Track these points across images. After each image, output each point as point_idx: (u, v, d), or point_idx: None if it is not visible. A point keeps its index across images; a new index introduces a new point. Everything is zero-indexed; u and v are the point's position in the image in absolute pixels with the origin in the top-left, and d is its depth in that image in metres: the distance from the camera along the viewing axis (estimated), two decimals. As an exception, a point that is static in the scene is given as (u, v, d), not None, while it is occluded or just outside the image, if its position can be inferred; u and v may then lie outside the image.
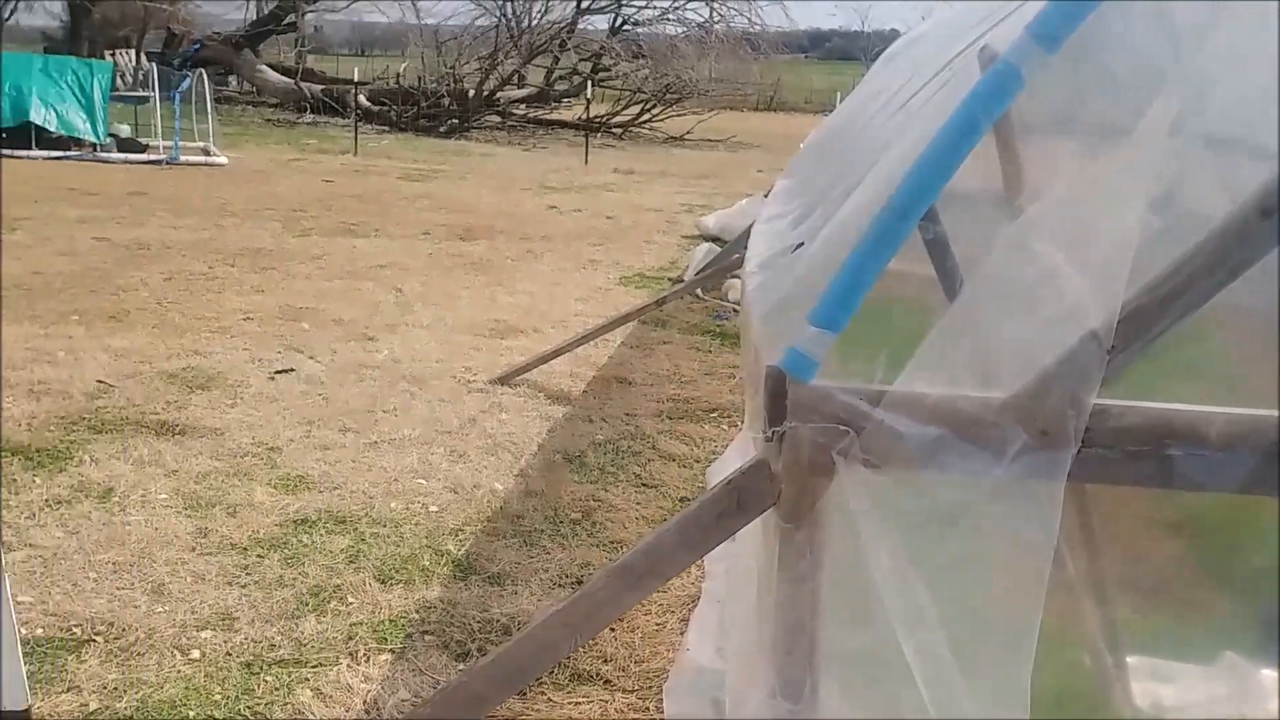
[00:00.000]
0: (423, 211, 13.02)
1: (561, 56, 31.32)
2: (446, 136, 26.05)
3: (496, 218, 12.81)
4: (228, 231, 10.73)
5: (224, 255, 9.42)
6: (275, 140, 22.16)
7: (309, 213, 12.33)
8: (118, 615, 3.33)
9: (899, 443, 1.68)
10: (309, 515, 4.16)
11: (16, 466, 4.44)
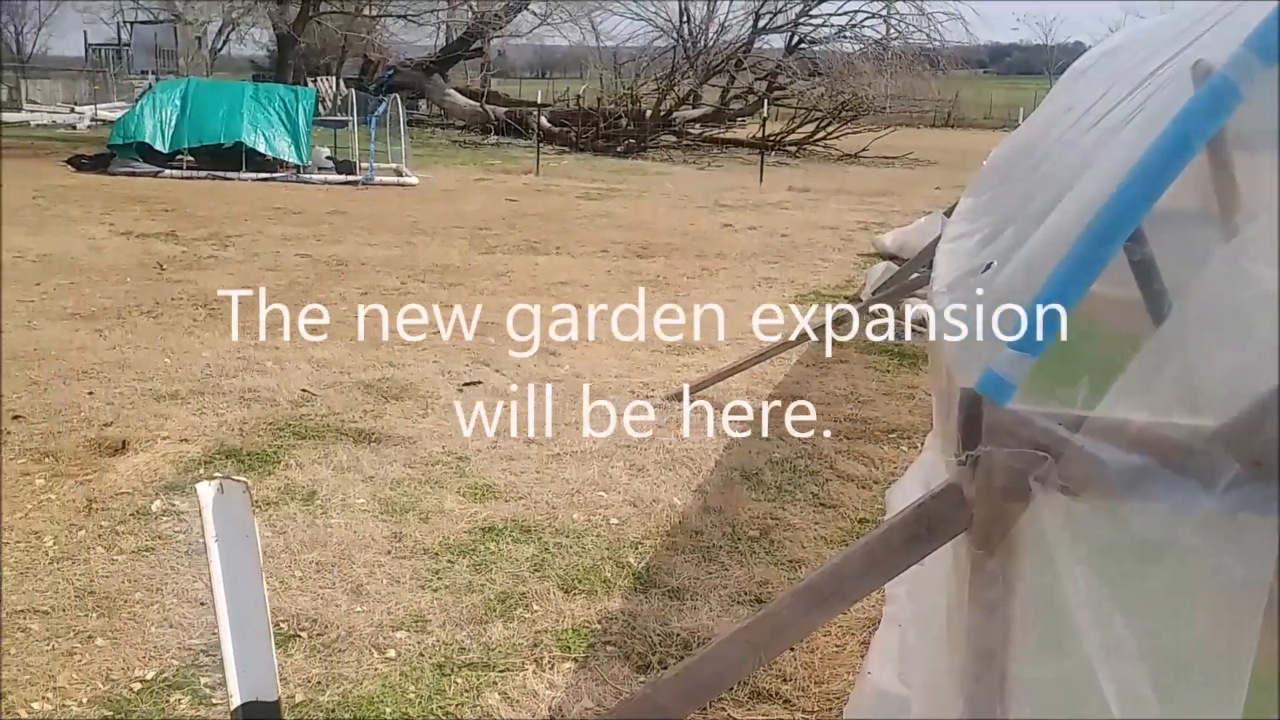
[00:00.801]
0: (601, 229, 13.28)
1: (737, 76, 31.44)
2: (624, 156, 26.49)
3: (672, 235, 12.95)
4: (418, 249, 11.19)
5: (415, 271, 9.82)
6: (462, 161, 22.97)
7: (494, 230, 12.74)
8: (321, 613, 3.52)
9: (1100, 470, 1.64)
10: (496, 523, 4.30)
11: (230, 468, 4.74)
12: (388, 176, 17.77)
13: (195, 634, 3.39)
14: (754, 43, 31.51)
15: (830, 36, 31.90)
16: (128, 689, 3.09)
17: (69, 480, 4.56)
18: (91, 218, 12.27)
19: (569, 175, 21.00)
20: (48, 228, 11.38)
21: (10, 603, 3.54)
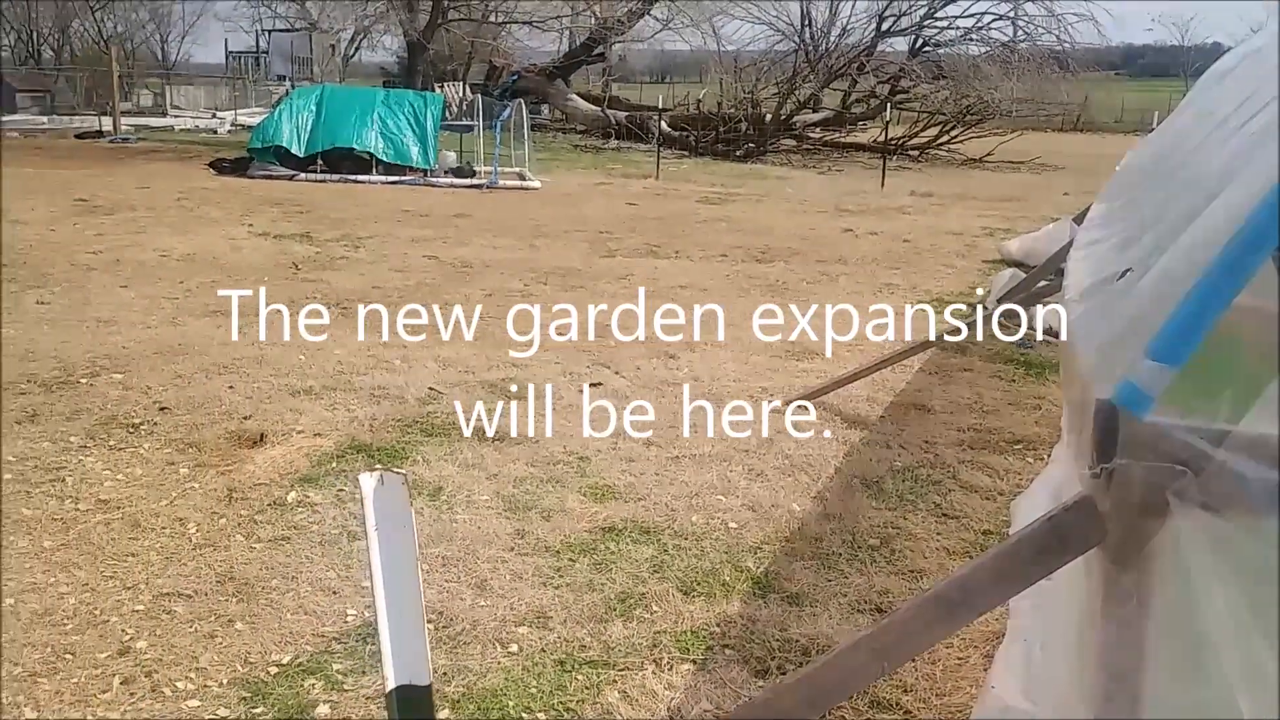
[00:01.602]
0: (720, 234, 13.28)
1: (859, 79, 31.10)
2: (743, 160, 26.45)
3: (792, 240, 12.89)
4: (540, 251, 11.36)
5: (538, 274, 9.98)
6: (583, 165, 23.23)
7: (614, 234, 12.86)
8: (446, 606, 3.62)
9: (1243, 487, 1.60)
10: (616, 524, 4.35)
11: (360, 464, 4.90)
12: (511, 180, 18.07)
13: (328, 622, 3.51)
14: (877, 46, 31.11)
15: (956, 39, 31.30)
16: (265, 672, 3.23)
17: (211, 470, 4.77)
18: (232, 219, 12.79)
19: (688, 179, 21.06)
20: (191, 228, 11.90)
21: (156, 585, 3.73)
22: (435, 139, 18.11)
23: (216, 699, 3.09)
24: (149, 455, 4.94)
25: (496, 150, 18.15)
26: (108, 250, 10.18)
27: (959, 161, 27.63)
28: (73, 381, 5.96)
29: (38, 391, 5.77)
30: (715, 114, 28.94)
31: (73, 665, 3.22)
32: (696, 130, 28.23)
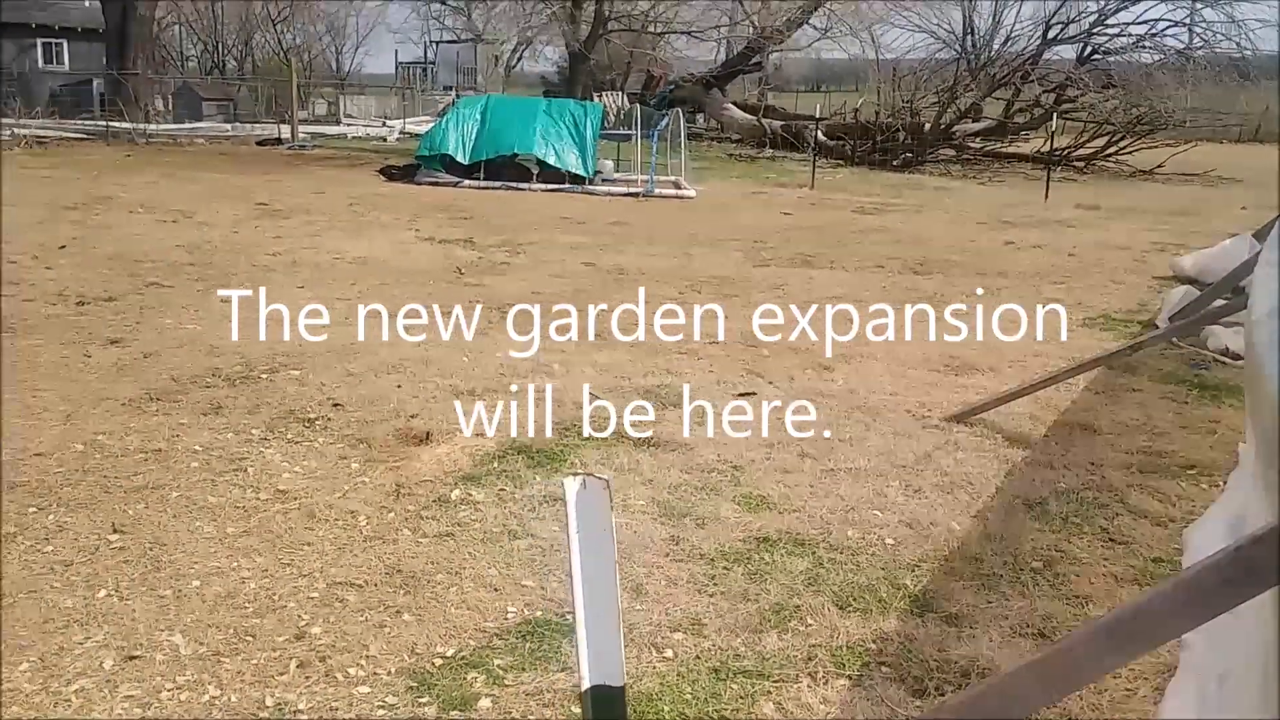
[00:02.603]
0: (877, 245, 13.11)
1: (1023, 88, 30.20)
2: (900, 170, 26.02)
3: (951, 252, 12.62)
4: (695, 260, 11.42)
5: (692, 282, 10.04)
6: (738, 174, 23.24)
7: (769, 243, 12.83)
8: (603, 607, 3.68)
9: None
10: (770, 534, 4.35)
11: (520, 464, 5.03)
12: (666, 189, 18.22)
13: (490, 618, 3.62)
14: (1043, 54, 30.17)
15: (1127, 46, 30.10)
16: (430, 663, 3.35)
17: (380, 466, 4.97)
18: (400, 224, 13.27)
19: (844, 189, 20.84)
20: (363, 232, 12.40)
21: (330, 574, 3.91)
22: (595, 147, 18.41)
23: (385, 687, 3.22)
24: (323, 449, 5.17)
25: (653, 159, 18.33)
26: (285, 252, 10.71)
27: (1127, 173, 26.54)
28: (254, 377, 6.29)
29: (222, 385, 6.11)
30: (872, 123, 28.55)
31: (253, 647, 3.41)
32: (853, 139, 27.88)
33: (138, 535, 4.16)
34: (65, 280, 8.86)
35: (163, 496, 4.54)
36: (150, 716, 3.03)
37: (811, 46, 38.15)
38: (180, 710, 3.06)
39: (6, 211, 12.76)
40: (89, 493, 4.55)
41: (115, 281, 8.91)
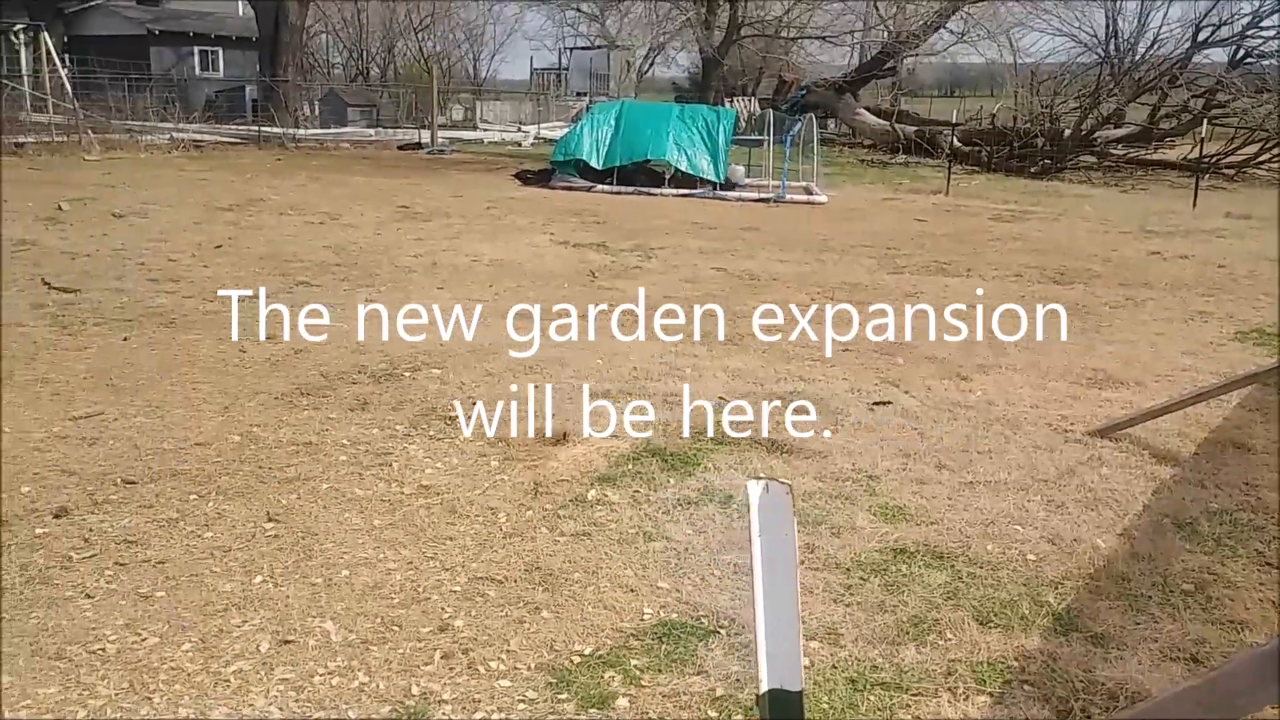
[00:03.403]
0: (1014, 253, 12.80)
1: (1170, 93, 29.05)
2: (1038, 177, 25.34)
3: (1092, 261, 12.25)
4: (827, 266, 11.33)
5: (824, 288, 9.96)
6: (870, 180, 22.96)
7: (902, 250, 12.64)
8: (739, 613, 3.69)
9: None
10: (907, 546, 4.30)
11: (654, 467, 5.08)
12: (798, 194, 18.10)
13: (626, 618, 3.66)
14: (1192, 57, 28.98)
15: (1283, 50, 28.70)
16: (568, 660, 3.41)
17: (518, 465, 5.07)
18: (535, 227, 13.51)
19: (979, 196, 20.40)
20: (499, 235, 12.66)
21: (471, 569, 4.01)
22: (727, 153, 18.42)
23: (525, 681, 3.29)
24: (464, 446, 5.30)
25: (785, 164, 18.25)
26: (426, 254, 11.00)
27: (1282, 181, 25.34)
28: (398, 374, 6.49)
29: (367, 382, 6.32)
30: (1009, 128, 27.85)
31: (399, 636, 3.52)
32: (989, 145, 27.25)
33: (290, 524, 4.34)
34: (221, 278, 9.28)
35: (314, 488, 4.72)
36: (304, 699, 3.16)
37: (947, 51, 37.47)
38: (332, 694, 3.18)
39: (166, 212, 13.44)
40: (245, 482, 4.76)
41: (267, 280, 9.29)
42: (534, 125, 34.22)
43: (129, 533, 4.20)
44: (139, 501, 4.50)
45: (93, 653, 3.35)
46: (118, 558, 3.99)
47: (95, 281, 8.96)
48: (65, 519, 4.30)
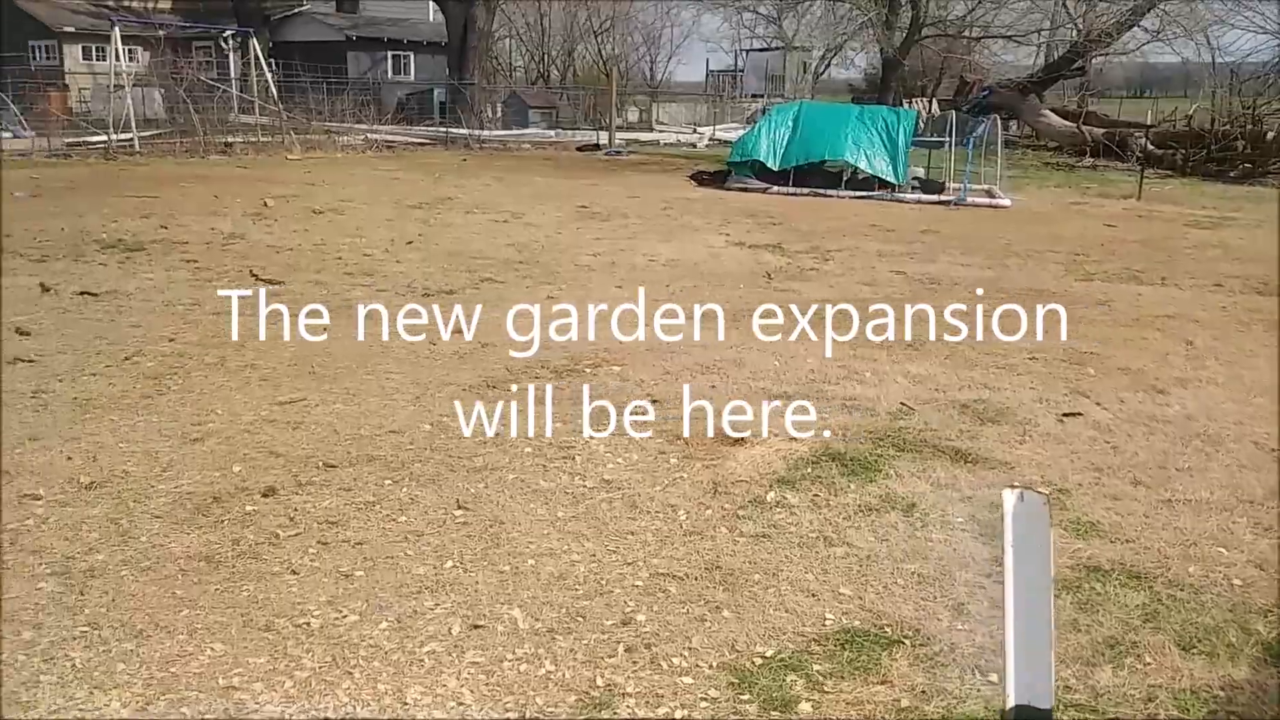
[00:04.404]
0: (1213, 261, 12.13)
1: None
2: (1238, 182, 23.91)
3: (1306, 273, 11.49)
4: (1011, 271, 10.99)
5: (1008, 294, 9.64)
6: (1055, 183, 22.12)
7: (1091, 256, 12.15)
8: (923, 624, 3.63)
9: None
10: (1100, 563, 4.14)
11: (834, 471, 5.03)
12: (979, 197, 17.61)
13: (808, 622, 3.64)
14: None
15: None
16: (750, 661, 3.41)
17: (697, 463, 5.10)
18: (710, 228, 13.55)
19: (1174, 201, 19.38)
20: (675, 236, 12.76)
21: (653, 565, 4.05)
22: (906, 155, 18.08)
23: (707, 680, 3.30)
24: (643, 443, 5.37)
25: (968, 167, 17.78)
26: (604, 253, 11.18)
27: None
28: (578, 370, 6.62)
29: (550, 377, 6.46)
30: (1207, 131, 26.36)
31: (583, 627, 3.59)
32: (1184, 148, 25.86)
33: (479, 512, 4.48)
34: (412, 274, 9.65)
35: (500, 478, 4.86)
36: (493, 683, 3.25)
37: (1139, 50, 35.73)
38: (520, 680, 3.27)
39: (361, 209, 14.08)
40: (436, 470, 4.94)
41: (454, 276, 9.62)
42: (709, 127, 34.28)
43: (330, 514, 4.42)
44: (339, 484, 4.73)
45: (298, 626, 3.54)
46: (320, 537, 4.20)
47: (297, 274, 9.46)
48: (272, 498, 4.56)
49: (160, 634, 3.45)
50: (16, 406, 5.65)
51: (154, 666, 3.27)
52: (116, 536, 4.14)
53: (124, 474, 4.77)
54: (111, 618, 3.54)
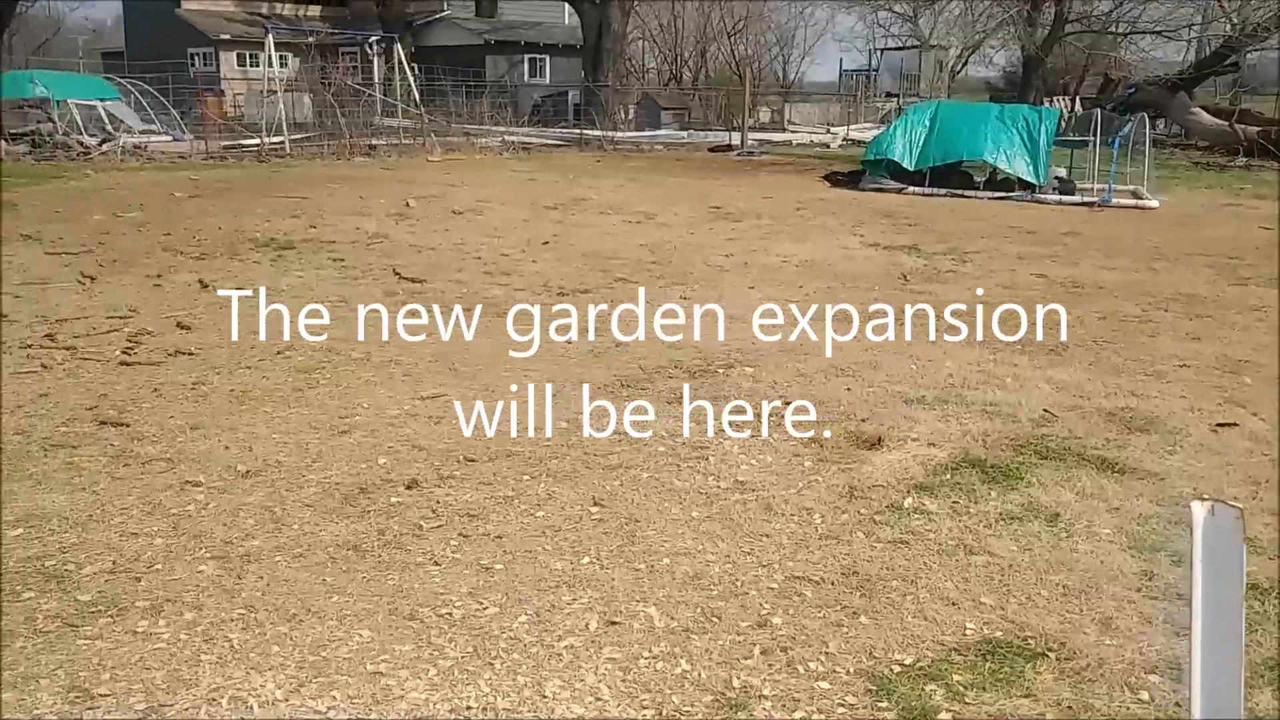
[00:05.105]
0: (1387, 267, 11.44)
1: None
2: None
3: None
4: (1159, 275, 10.59)
5: (1156, 299, 9.30)
6: (1206, 184, 21.18)
7: (1245, 260, 11.60)
8: (1069, 638, 3.53)
9: None
10: (1259, 582, 3.95)
11: (974, 478, 4.92)
12: (1124, 199, 16.99)
13: (947, 632, 3.57)
14: None
15: None
16: (888, 669, 3.36)
17: (832, 466, 5.06)
18: (844, 229, 13.40)
19: (1340, 202, 18.36)
20: (809, 237, 12.66)
21: (788, 568, 4.04)
22: (1048, 155, 17.57)
23: (844, 686, 3.27)
24: (777, 445, 5.35)
25: (1113, 167, 17.17)
26: (737, 254, 11.16)
27: None
28: (711, 370, 6.63)
29: (683, 377, 6.49)
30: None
31: (718, 628, 3.60)
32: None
33: (614, 510, 4.53)
34: (547, 273, 9.80)
35: (635, 476, 4.90)
36: (630, 680, 3.29)
37: (1302, 43, 33.88)
38: (656, 679, 3.29)
39: (499, 210, 14.36)
40: (572, 466, 5.01)
41: (588, 276, 9.73)
42: (842, 127, 33.89)
43: (471, 507, 4.52)
44: (479, 478, 4.84)
45: (441, 616, 3.64)
46: (461, 529, 4.31)
47: (439, 273, 9.70)
48: (415, 490, 4.69)
49: (311, 619, 3.59)
50: (178, 397, 5.95)
51: (306, 650, 3.40)
52: (271, 523, 4.32)
53: (277, 463, 4.97)
54: (266, 602, 3.69)
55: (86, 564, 3.95)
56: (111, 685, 3.18)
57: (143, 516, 4.37)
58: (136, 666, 3.28)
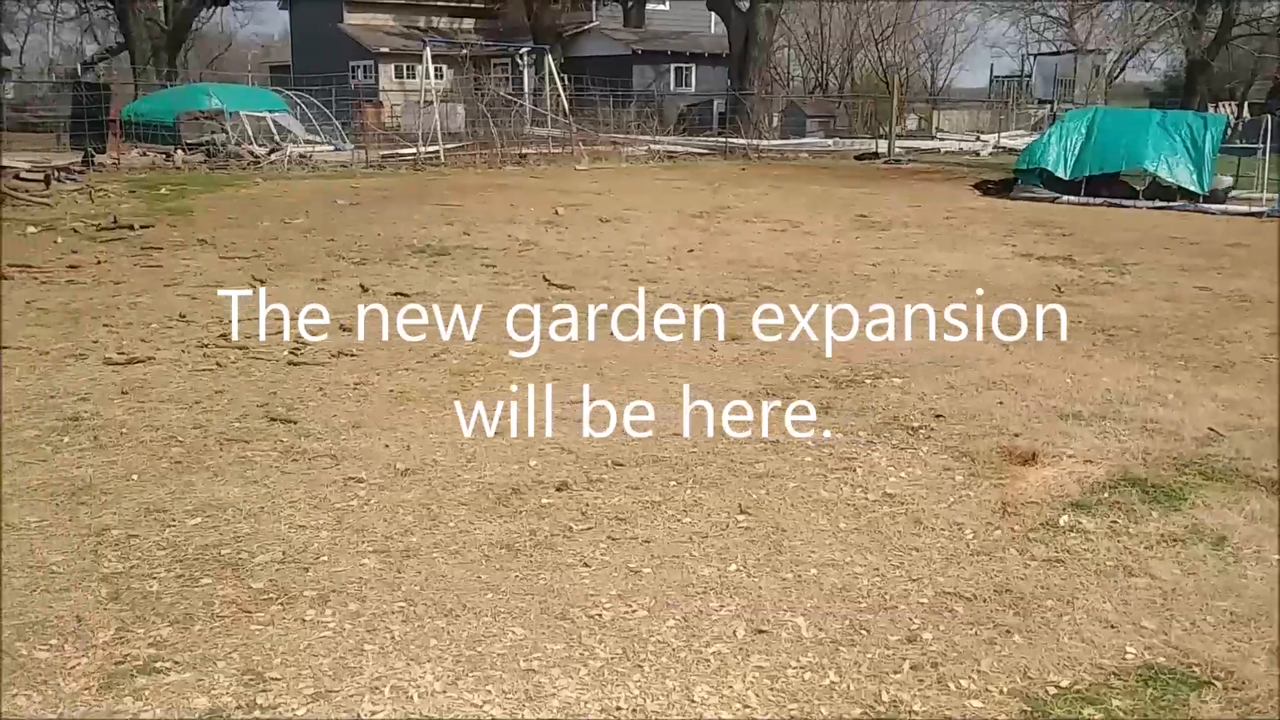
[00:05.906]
0: None
1: None
2: None
3: None
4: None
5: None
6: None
7: None
8: (1237, 666, 3.38)
9: None
10: None
11: (1134, 497, 4.76)
12: (1299, 208, 16.14)
13: (1106, 654, 3.47)
14: None
15: None
16: (1043, 689, 3.29)
17: (984, 481, 4.97)
18: (995, 238, 13.10)
19: None
20: (959, 246, 12.43)
21: (938, 583, 3.98)
22: (1213, 163, 16.81)
23: (997, 705, 3.21)
24: (926, 458, 5.28)
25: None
26: (884, 262, 11.04)
27: None
28: (859, 381, 6.57)
29: (829, 387, 6.45)
30: None
31: (867, 641, 3.57)
32: None
33: (760, 518, 4.54)
34: (692, 281, 9.87)
35: (781, 485, 4.90)
36: (778, 689, 3.30)
37: None
38: (804, 689, 3.29)
39: (645, 218, 14.51)
40: (718, 473, 5.04)
41: (732, 284, 9.76)
42: (993, 134, 33.08)
43: (619, 510, 4.60)
44: (627, 483, 4.91)
45: (591, 617, 3.71)
46: (610, 532, 4.38)
47: (586, 280, 9.87)
48: (565, 493, 4.79)
49: (467, 614, 3.70)
50: (341, 396, 6.21)
51: (462, 644, 3.51)
52: (428, 521, 4.48)
53: (434, 463, 5.15)
54: (425, 596, 3.83)
55: (259, 553, 4.16)
56: (282, 670, 3.35)
57: (309, 510, 4.59)
58: (305, 653, 3.45)
